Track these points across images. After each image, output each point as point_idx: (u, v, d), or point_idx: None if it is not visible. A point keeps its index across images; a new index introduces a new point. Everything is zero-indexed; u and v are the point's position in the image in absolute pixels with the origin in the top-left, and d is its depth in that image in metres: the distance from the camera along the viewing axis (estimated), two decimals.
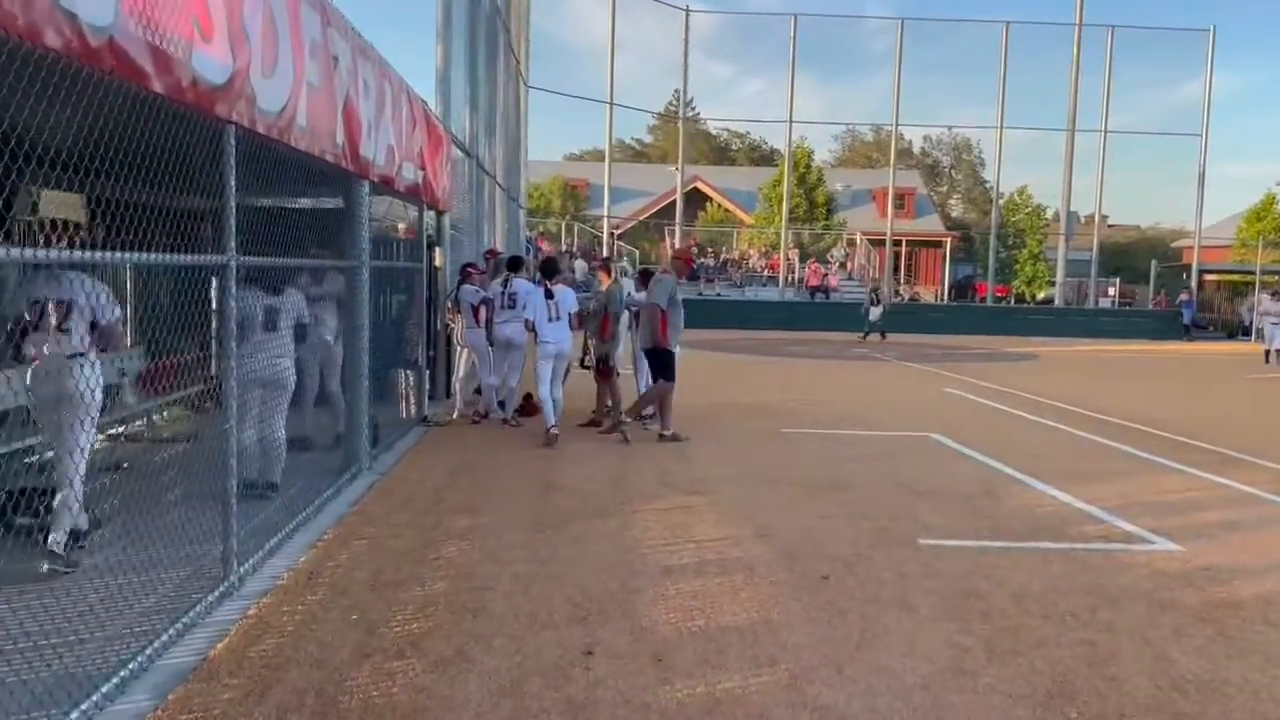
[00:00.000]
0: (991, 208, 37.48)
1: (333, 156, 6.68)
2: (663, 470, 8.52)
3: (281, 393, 6.95)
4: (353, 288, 7.84)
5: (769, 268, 35.91)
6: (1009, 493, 8.04)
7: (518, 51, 23.71)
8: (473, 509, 6.95)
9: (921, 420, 12.05)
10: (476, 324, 10.71)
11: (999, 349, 26.71)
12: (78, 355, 5.39)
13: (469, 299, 10.87)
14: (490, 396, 10.86)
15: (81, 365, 5.35)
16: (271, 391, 6.84)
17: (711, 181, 52.15)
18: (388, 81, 8.42)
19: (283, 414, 6.96)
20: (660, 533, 6.47)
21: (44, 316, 5.40)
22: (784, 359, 21.41)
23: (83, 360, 5.38)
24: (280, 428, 6.95)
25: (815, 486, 8.02)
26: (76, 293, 5.39)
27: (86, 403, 5.32)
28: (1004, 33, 32.68)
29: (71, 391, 5.25)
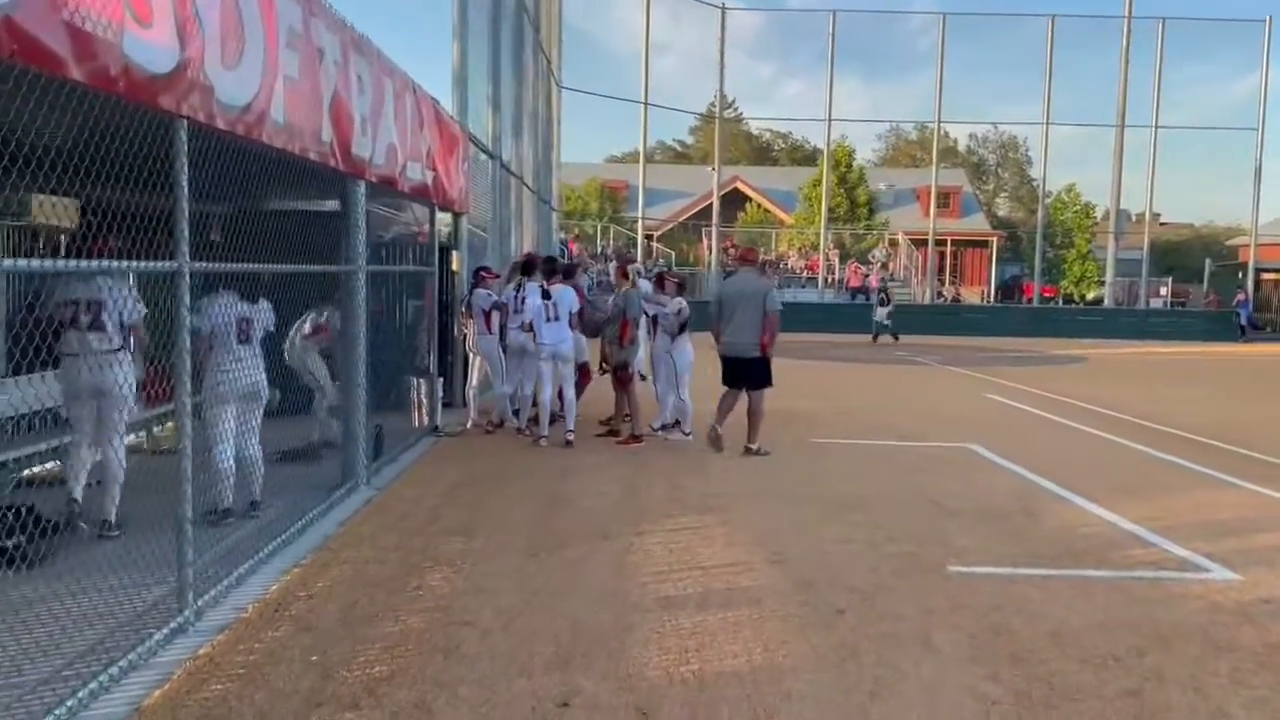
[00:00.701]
0: (1038, 206, 36.45)
1: (318, 155, 6.29)
2: (677, 485, 8.04)
3: (258, 406, 6.65)
4: (348, 293, 7.45)
5: (808, 268, 35.22)
6: (1049, 511, 7.46)
7: (549, 52, 23.33)
8: (468, 529, 6.51)
9: (959, 429, 11.45)
10: (488, 330, 10.31)
11: (1044, 351, 25.87)
12: (113, 351, 5.97)
13: (481, 304, 10.47)
14: (504, 405, 10.45)
15: (120, 360, 5.99)
16: (247, 405, 6.56)
17: (751, 181, 51.45)
18: (389, 78, 8.04)
19: (257, 430, 6.64)
20: (665, 557, 5.99)
21: (77, 316, 5.90)
22: (820, 363, 20.81)
23: (119, 355, 6.00)
24: (255, 445, 6.62)
25: (838, 504, 7.49)
26: (106, 293, 5.91)
27: (124, 395, 5.99)
28: (1049, 26, 31.75)
29: (110, 385, 5.88)
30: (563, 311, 9.69)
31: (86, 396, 5.96)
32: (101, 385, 5.88)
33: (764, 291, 9.78)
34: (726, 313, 9.69)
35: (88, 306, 5.94)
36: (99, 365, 5.82)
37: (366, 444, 8.49)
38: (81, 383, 5.90)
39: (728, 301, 9.77)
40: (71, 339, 5.89)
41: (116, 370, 5.89)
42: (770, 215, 47.89)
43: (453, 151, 10.90)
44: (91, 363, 5.81)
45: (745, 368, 9.66)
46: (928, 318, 32.08)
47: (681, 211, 45.47)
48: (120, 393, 5.94)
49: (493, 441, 9.95)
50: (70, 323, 5.89)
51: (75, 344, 5.89)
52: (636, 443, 9.77)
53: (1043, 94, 32.36)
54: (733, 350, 9.63)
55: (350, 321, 7.46)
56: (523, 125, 18.03)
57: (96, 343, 5.92)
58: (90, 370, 5.81)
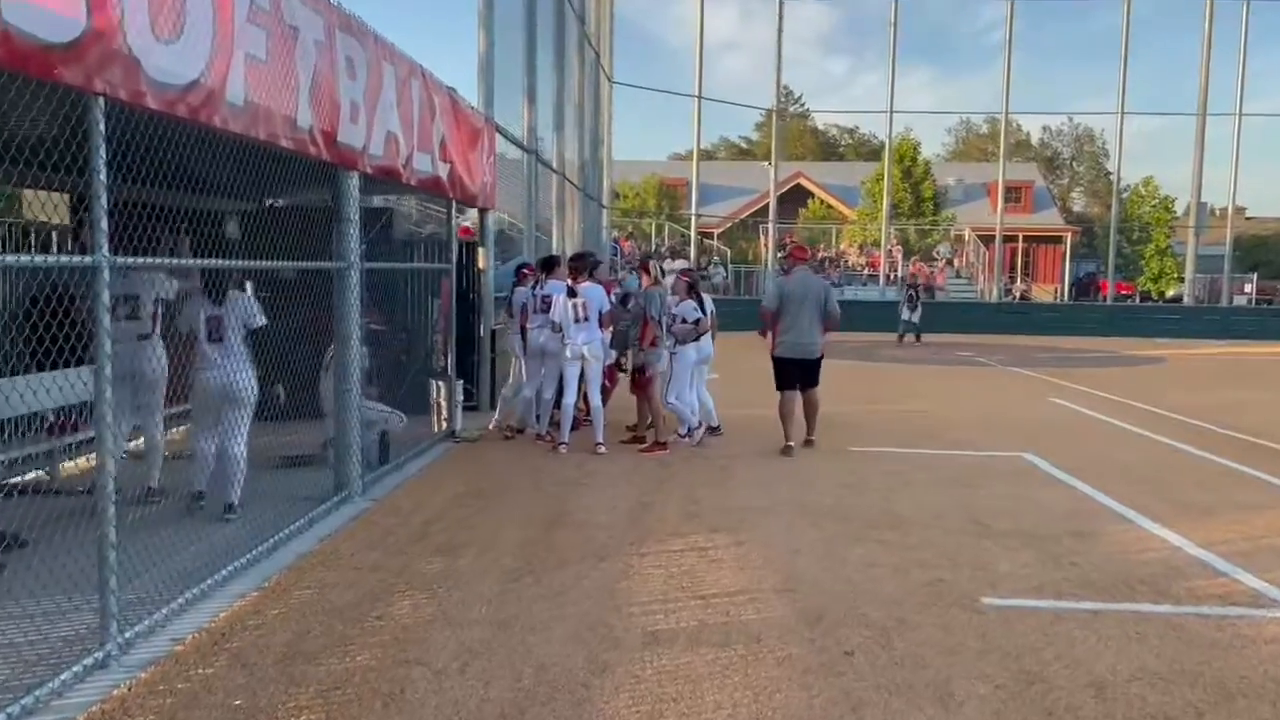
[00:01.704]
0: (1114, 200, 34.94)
1: (292, 142, 5.82)
2: (694, 498, 7.44)
3: (238, 409, 6.42)
4: (340, 292, 6.99)
5: (869, 265, 34.23)
6: (1105, 532, 6.70)
7: (598, 45, 22.82)
8: (455, 548, 5.99)
9: (1015, 437, 10.65)
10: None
11: (1118, 352, 24.63)
12: (147, 337, 6.59)
13: (520, 303, 10.01)
14: (528, 409, 9.94)
15: (154, 346, 6.64)
16: (226, 406, 6.42)
17: (815, 177, 50.42)
18: (389, 63, 7.57)
19: (242, 431, 6.45)
20: (662, 583, 5.40)
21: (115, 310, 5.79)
22: (875, 364, 19.98)
23: (153, 342, 6.63)
24: (239, 444, 6.44)
25: (868, 522, 6.82)
26: (143, 287, 6.53)
27: (161, 377, 6.65)
28: (1125, 9, 30.31)
29: (147, 370, 6.50)
30: (591, 311, 9.16)
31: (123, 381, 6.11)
32: (135, 369, 6.37)
33: (825, 290, 9.65)
34: (789, 313, 9.42)
35: (125, 301, 6.37)
36: (133, 352, 6.31)
37: (368, 451, 8.08)
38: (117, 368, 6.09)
39: (789, 301, 9.45)
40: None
41: (151, 355, 6.57)
42: (834, 211, 46.87)
43: (474, 144, 10.42)
44: (125, 350, 6.08)
45: (806, 368, 9.54)
46: (994, 316, 30.90)
47: (744, 208, 44.71)
48: (156, 374, 6.63)
49: (510, 448, 9.44)
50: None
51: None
52: (661, 450, 9.19)
53: (1117, 82, 30.91)
54: (796, 351, 9.44)
55: (342, 322, 7.00)
56: (565, 119, 17.53)
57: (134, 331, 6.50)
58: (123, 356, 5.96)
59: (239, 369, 6.41)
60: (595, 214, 23.59)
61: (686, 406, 9.48)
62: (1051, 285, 44.58)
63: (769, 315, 9.57)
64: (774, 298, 9.62)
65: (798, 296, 9.41)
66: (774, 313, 9.52)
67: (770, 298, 9.76)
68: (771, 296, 9.74)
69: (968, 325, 29.58)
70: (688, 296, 9.48)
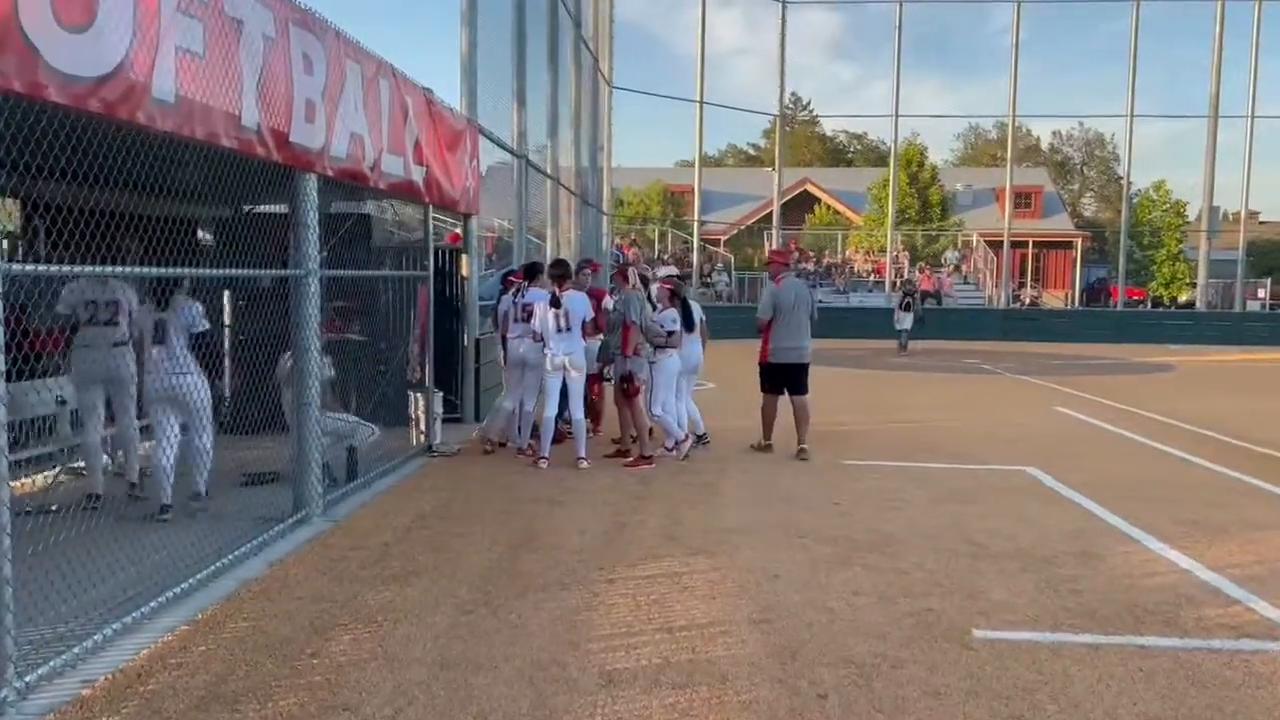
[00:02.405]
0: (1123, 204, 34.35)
1: (236, 142, 5.46)
2: (675, 518, 7.04)
3: (192, 412, 6.75)
4: (298, 301, 6.62)
5: (875, 271, 33.76)
6: (1110, 554, 6.28)
7: (596, 50, 22.48)
8: (411, 574, 5.61)
9: (1018, 449, 10.22)
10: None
11: (1127, 359, 24.15)
12: (122, 344, 6.83)
13: (503, 311, 9.66)
14: (509, 422, 9.56)
15: (128, 351, 6.86)
16: (180, 409, 6.76)
17: (822, 183, 50.06)
18: (354, 61, 7.22)
19: (206, 428, 6.81)
20: (628, 614, 5.00)
21: (96, 313, 6.73)
22: (878, 371, 19.57)
23: (127, 348, 6.86)
24: (205, 438, 6.82)
25: (856, 544, 6.41)
26: (121, 294, 6.78)
27: (132, 380, 6.85)
28: (1134, 11, 29.83)
29: (125, 375, 6.81)
30: (574, 320, 8.78)
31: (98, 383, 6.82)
32: (110, 374, 6.75)
33: (811, 294, 9.85)
34: (783, 320, 9.43)
35: (105, 306, 6.77)
36: (107, 356, 6.68)
37: (334, 467, 7.73)
38: (93, 371, 6.76)
39: (785, 308, 9.46)
40: (89, 335, 6.75)
41: (125, 361, 6.82)
42: (840, 217, 46.45)
43: (455, 147, 10.07)
44: (103, 355, 6.66)
45: (797, 374, 9.56)
46: (1003, 323, 30.45)
47: (750, 215, 44.32)
48: (132, 378, 6.86)
49: (488, 464, 9.04)
50: (88, 320, 6.76)
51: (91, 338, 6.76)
52: (646, 464, 8.80)
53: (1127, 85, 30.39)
54: (790, 357, 9.51)
55: (300, 331, 6.63)
56: (560, 124, 17.18)
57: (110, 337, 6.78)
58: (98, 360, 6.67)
59: (184, 372, 6.64)
60: (595, 221, 23.22)
61: (673, 418, 9.10)
62: (1062, 291, 44.06)
63: (765, 324, 9.54)
64: (769, 306, 9.54)
65: (790, 303, 9.45)
66: (769, 320, 9.49)
67: (765, 307, 9.63)
68: (766, 305, 9.62)
69: (975, 332, 29.17)
70: (670, 305, 9.12)
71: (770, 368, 9.56)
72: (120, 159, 4.69)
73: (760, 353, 9.68)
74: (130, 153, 4.79)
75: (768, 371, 9.60)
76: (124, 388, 6.96)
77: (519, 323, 9.19)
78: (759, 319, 9.62)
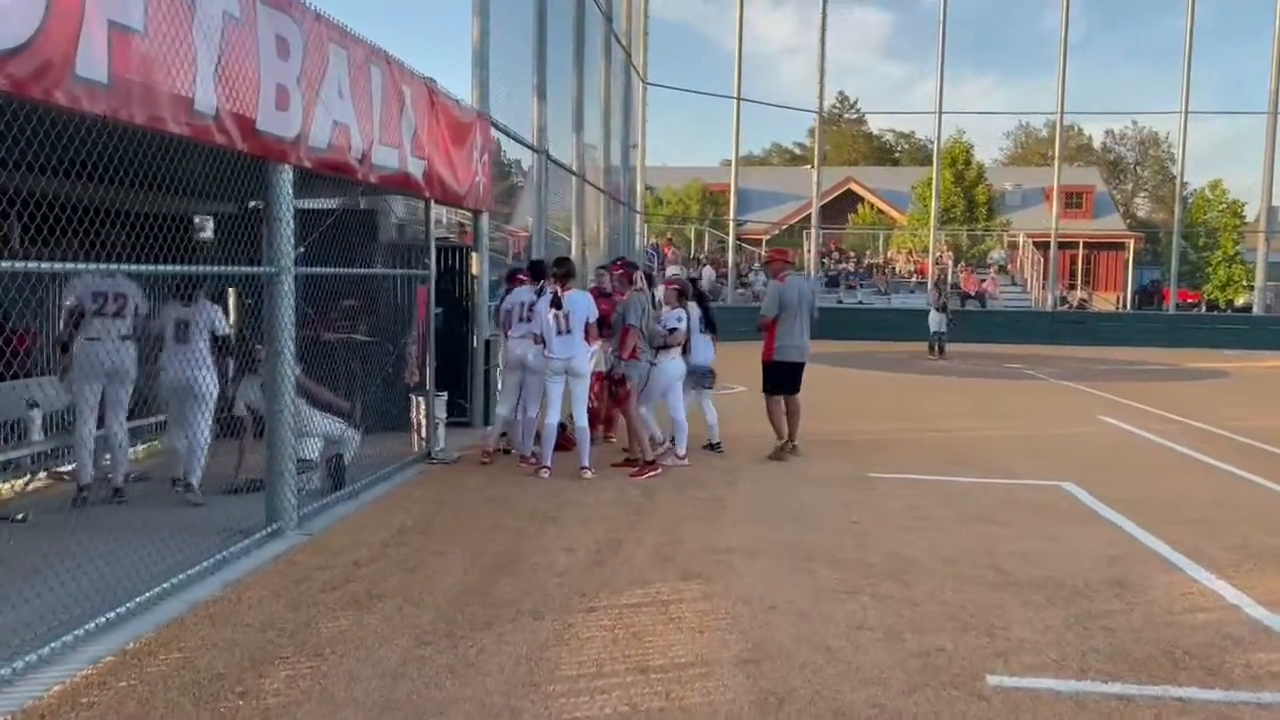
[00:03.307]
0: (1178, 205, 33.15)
1: (189, 128, 5.05)
2: (674, 536, 6.52)
3: (195, 403, 7.08)
4: (270, 300, 6.21)
5: (918, 272, 32.91)
6: (1149, 584, 5.67)
7: (629, 45, 21.99)
8: (375, 598, 5.16)
9: (1056, 462, 9.58)
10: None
11: (1179, 365, 23.19)
12: (128, 337, 6.98)
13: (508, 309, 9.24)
14: (512, 429, 9.10)
15: (132, 346, 7.01)
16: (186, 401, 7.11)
17: (867, 182, 49.21)
18: (339, 46, 6.80)
19: (205, 422, 7.12)
20: (602, 649, 4.51)
21: (104, 305, 6.86)
22: (913, 376, 18.89)
23: (133, 342, 7.02)
24: (204, 432, 7.10)
25: (869, 569, 5.86)
26: (129, 287, 6.95)
27: (132, 376, 7.05)
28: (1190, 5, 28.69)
29: (130, 368, 6.98)
30: (576, 322, 8.31)
31: (98, 376, 6.85)
32: (115, 367, 6.84)
33: (813, 293, 9.83)
34: (787, 319, 9.38)
35: (114, 299, 6.92)
36: (115, 349, 6.78)
37: (321, 477, 7.36)
38: (97, 364, 6.77)
39: (790, 307, 9.36)
40: (95, 327, 6.81)
41: (129, 354, 6.95)
42: (885, 217, 45.60)
43: (461, 141, 9.64)
44: (111, 348, 6.75)
45: (799, 372, 9.54)
46: (1049, 326, 29.51)
47: (793, 214, 43.61)
48: (130, 373, 7.01)
49: (486, 473, 8.58)
50: (96, 312, 6.84)
51: (97, 330, 6.81)
52: (651, 471, 8.33)
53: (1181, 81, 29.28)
54: (797, 355, 9.46)
55: (273, 334, 6.22)
56: (586, 120, 16.72)
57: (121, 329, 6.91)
58: (106, 353, 6.72)
59: (200, 367, 7.05)
60: (626, 219, 22.75)
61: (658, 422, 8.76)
62: (1114, 293, 42.86)
63: (769, 323, 9.37)
64: (774, 304, 9.35)
65: (794, 301, 9.38)
66: (775, 319, 9.32)
67: (770, 305, 9.43)
68: (771, 303, 9.41)
69: (1020, 335, 28.31)
70: (678, 305, 8.69)
71: (777, 366, 9.42)
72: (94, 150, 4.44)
73: (765, 351, 9.50)
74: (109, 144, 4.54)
75: (774, 370, 9.45)
76: (124, 382, 7.04)
77: (523, 322, 8.73)
78: (763, 317, 9.47)
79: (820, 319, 9.94)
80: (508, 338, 8.94)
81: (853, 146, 73.36)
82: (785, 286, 9.43)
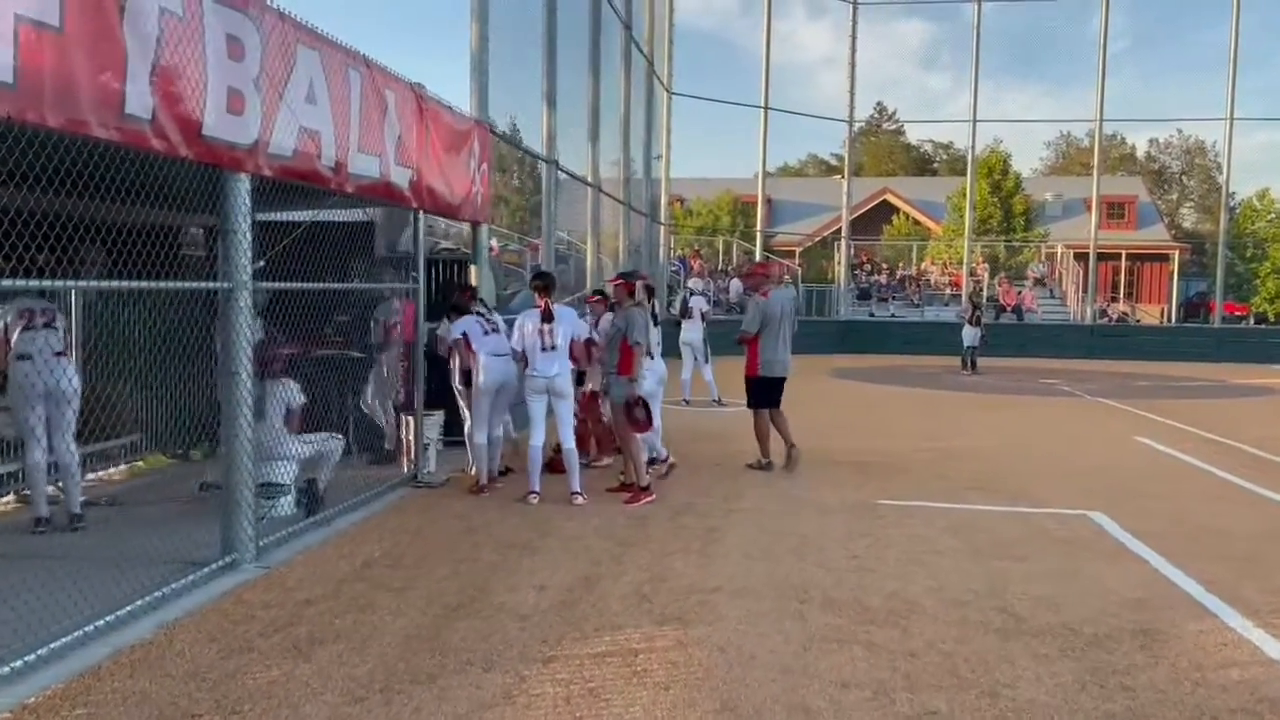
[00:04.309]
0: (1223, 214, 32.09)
1: (117, 132, 4.66)
2: (657, 574, 6.03)
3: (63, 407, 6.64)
4: (226, 317, 5.82)
5: (952, 284, 32.14)
6: (1178, 633, 5.10)
7: (650, 53, 21.57)
8: (318, 643, 4.73)
9: (1086, 488, 8.98)
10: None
11: (1224, 381, 22.31)
12: (62, 353, 6.64)
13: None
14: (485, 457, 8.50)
15: (69, 364, 6.68)
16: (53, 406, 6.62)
17: (903, 193, 48.46)
18: (307, 48, 6.43)
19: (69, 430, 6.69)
20: (550, 711, 4.03)
21: (32, 319, 6.53)
22: (941, 392, 18.24)
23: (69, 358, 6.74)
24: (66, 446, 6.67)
25: (865, 612, 5.34)
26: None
27: (75, 395, 6.63)
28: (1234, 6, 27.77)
29: (66, 386, 6.54)
30: (562, 338, 7.89)
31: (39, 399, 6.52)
32: (49, 388, 6.47)
33: (795, 306, 9.88)
34: (770, 333, 9.35)
35: (43, 312, 6.59)
36: (45, 365, 6.40)
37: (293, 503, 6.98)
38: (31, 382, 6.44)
39: (773, 322, 9.31)
40: (24, 341, 6.46)
41: (62, 372, 6.50)
42: (920, 227, 44.79)
43: (456, 149, 9.25)
44: (43, 365, 6.39)
45: (782, 387, 9.54)
46: (1089, 339, 28.65)
47: (827, 225, 42.97)
48: (70, 392, 6.57)
49: (472, 499, 8.11)
50: (25, 326, 6.47)
51: (25, 345, 6.47)
52: (646, 497, 7.87)
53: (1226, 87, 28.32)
54: (780, 370, 9.46)
55: (229, 352, 5.83)
56: (602, 129, 16.31)
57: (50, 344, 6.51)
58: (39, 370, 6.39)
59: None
60: (649, 230, 22.31)
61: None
62: (1158, 306, 41.74)
63: (750, 338, 9.31)
64: (755, 320, 9.28)
65: (776, 316, 9.35)
66: (758, 332, 9.32)
67: (752, 321, 9.33)
68: (754, 319, 9.32)
69: (1059, 349, 27.51)
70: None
71: (762, 382, 9.42)
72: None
73: (748, 367, 9.50)
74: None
75: (759, 386, 9.44)
76: (64, 404, 6.62)
77: (491, 334, 8.24)
78: (745, 333, 9.40)
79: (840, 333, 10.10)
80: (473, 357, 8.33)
81: (890, 158, 72.55)
82: (768, 302, 9.37)
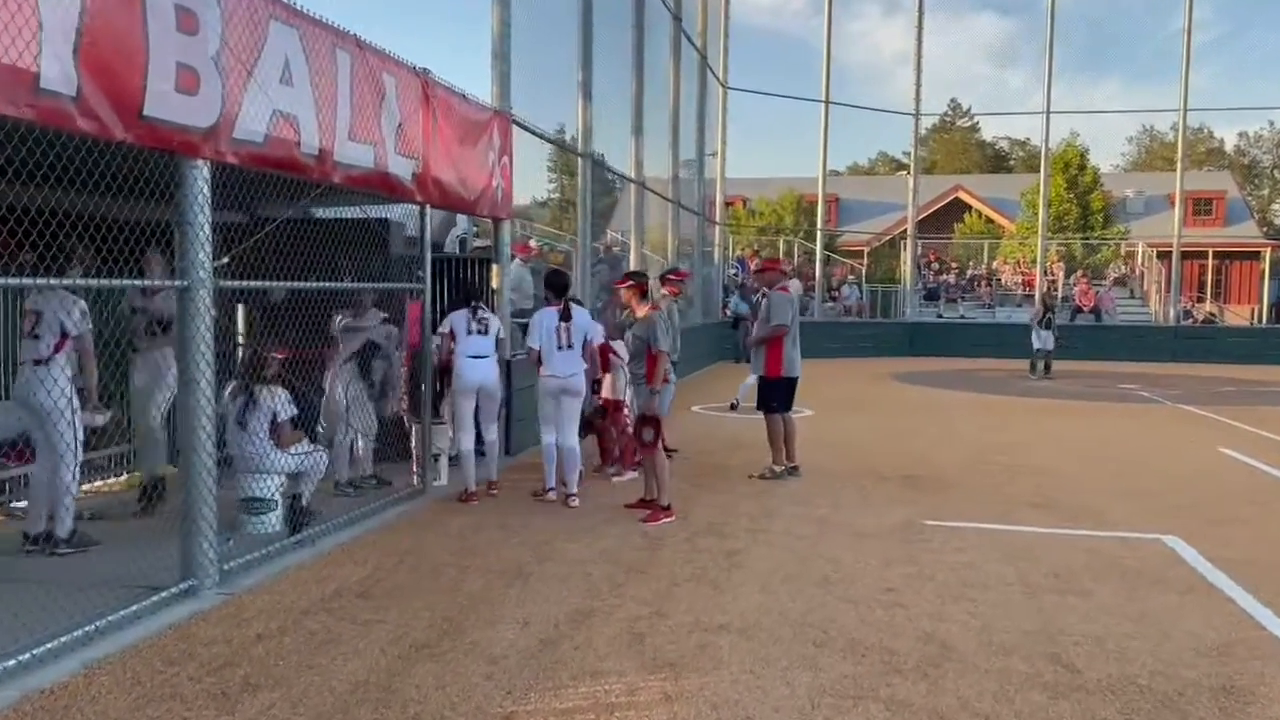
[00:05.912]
0: None
1: (31, 111, 4.14)
2: (658, 605, 5.35)
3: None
4: (184, 319, 5.30)
5: (1025, 284, 30.79)
6: (1266, 692, 4.27)
7: (704, 46, 20.86)
8: (253, 689, 4.15)
9: (1161, 508, 8.07)
10: None
11: None
12: (42, 362, 5.96)
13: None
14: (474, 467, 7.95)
15: (50, 372, 5.91)
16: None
17: (976, 190, 46.92)
18: (283, 24, 5.90)
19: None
20: None
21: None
22: (1011, 398, 17.19)
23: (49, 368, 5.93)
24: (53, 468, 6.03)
25: (892, 659, 4.60)
26: (46, 304, 5.96)
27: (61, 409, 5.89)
28: None
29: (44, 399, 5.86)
30: (577, 337, 7.40)
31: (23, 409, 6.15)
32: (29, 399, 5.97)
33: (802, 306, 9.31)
34: (793, 330, 9.07)
35: (25, 315, 6.16)
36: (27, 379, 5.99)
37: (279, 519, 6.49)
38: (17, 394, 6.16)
39: (794, 321, 9.12)
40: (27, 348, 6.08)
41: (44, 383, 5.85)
42: (993, 225, 43.30)
43: (472, 141, 8.69)
44: (22, 377, 6.07)
45: (795, 387, 9.23)
46: (1171, 342, 27.14)
47: (897, 224, 41.79)
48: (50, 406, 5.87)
49: (479, 512, 7.50)
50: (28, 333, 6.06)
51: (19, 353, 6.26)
52: (666, 516, 7.22)
53: None
54: (798, 369, 9.16)
55: (187, 357, 5.31)
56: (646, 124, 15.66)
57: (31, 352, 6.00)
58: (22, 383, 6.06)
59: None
60: (700, 229, 21.59)
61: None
62: (1247, 306, 39.70)
63: (781, 334, 8.91)
64: (786, 311, 8.95)
65: (795, 313, 9.17)
66: (782, 333, 8.93)
67: (782, 313, 8.87)
68: (782, 311, 8.86)
69: (1140, 353, 26.08)
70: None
71: (785, 382, 9.02)
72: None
73: (769, 367, 9.00)
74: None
75: (779, 386, 9.01)
76: (43, 418, 6.01)
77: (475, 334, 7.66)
78: (779, 327, 8.85)
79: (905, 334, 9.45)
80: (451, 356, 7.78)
81: (965, 155, 70.79)
82: (789, 296, 9.20)
